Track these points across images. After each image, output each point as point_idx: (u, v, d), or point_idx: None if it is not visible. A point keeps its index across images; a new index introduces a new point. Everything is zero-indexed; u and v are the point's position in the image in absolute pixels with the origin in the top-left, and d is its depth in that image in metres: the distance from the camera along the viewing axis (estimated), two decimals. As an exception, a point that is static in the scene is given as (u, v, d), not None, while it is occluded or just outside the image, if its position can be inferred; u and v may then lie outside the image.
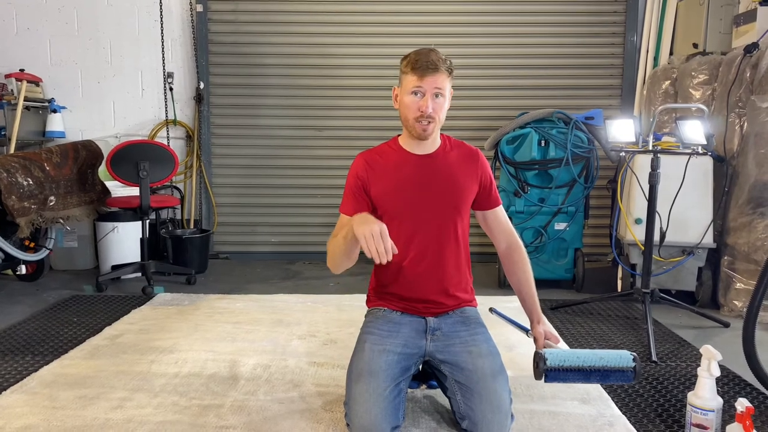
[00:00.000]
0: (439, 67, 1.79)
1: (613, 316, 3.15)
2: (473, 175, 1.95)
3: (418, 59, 1.81)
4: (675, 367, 2.43)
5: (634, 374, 1.67)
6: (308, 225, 4.57)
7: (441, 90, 1.82)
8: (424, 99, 1.81)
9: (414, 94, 1.82)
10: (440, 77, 1.80)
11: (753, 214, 3.07)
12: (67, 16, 4.41)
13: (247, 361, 2.42)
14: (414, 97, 1.82)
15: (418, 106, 1.82)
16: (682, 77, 3.72)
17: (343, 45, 4.45)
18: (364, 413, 1.66)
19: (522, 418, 1.94)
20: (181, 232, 4.18)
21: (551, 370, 1.67)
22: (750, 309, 2.04)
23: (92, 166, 3.70)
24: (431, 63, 1.79)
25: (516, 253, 1.99)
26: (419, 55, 1.81)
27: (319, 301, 3.35)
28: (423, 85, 1.80)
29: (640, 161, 3.25)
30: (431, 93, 1.81)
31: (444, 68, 1.81)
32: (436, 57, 1.81)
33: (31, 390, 2.15)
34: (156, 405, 2.03)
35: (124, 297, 3.43)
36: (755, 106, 3.05)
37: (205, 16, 4.42)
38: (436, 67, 1.79)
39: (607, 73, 4.47)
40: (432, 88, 1.80)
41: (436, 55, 1.82)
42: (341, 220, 1.92)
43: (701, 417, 1.74)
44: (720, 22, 3.74)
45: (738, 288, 3.13)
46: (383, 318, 1.93)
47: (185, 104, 4.51)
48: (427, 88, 1.80)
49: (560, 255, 3.66)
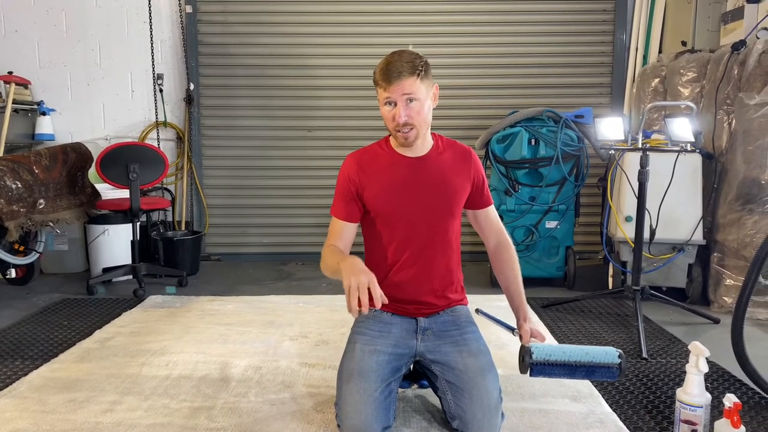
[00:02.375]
0: (402, 72, 1.72)
1: (604, 313, 3.16)
2: (466, 175, 1.94)
3: (382, 68, 1.76)
4: (665, 364, 2.45)
5: (620, 371, 1.67)
6: (300, 226, 4.57)
7: (411, 94, 1.74)
8: (396, 108, 1.77)
9: (387, 105, 1.78)
10: (407, 82, 1.73)
11: (742, 210, 3.09)
12: (55, 18, 4.38)
13: (239, 363, 2.42)
14: (387, 108, 1.79)
15: (392, 116, 1.78)
16: (671, 75, 3.74)
17: (332, 45, 4.45)
18: (355, 414, 1.67)
19: (513, 416, 1.95)
20: (172, 234, 4.17)
21: (537, 364, 1.67)
22: (738, 305, 2.05)
23: (82, 169, 3.68)
24: (394, 71, 1.72)
25: (505, 251, 1.99)
26: (385, 64, 1.76)
27: (311, 301, 3.35)
28: (391, 95, 1.75)
29: (630, 159, 3.27)
30: (402, 101, 1.75)
31: (408, 72, 1.72)
32: (400, 63, 1.73)
33: (21, 394, 2.14)
34: (146, 408, 2.02)
35: (115, 300, 3.41)
36: (743, 103, 3.07)
37: (195, 18, 4.40)
38: (399, 73, 1.72)
39: (596, 71, 4.49)
40: (400, 96, 1.74)
41: (402, 59, 1.74)
42: (333, 223, 1.92)
43: (690, 413, 1.75)
44: (708, 20, 3.77)
45: (728, 284, 3.15)
46: (374, 318, 1.93)
47: (175, 106, 4.50)
48: (396, 96, 1.74)
49: (551, 253, 3.67)
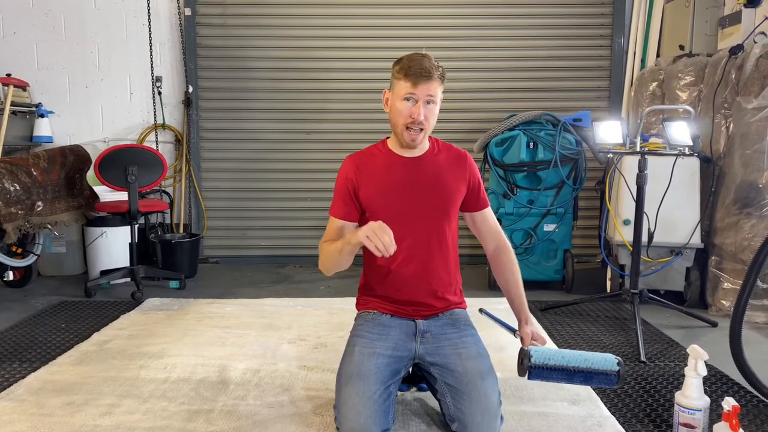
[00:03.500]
0: (432, 74, 1.79)
1: (602, 316, 3.16)
2: (461, 177, 1.96)
3: (411, 66, 1.79)
4: (663, 367, 2.45)
5: (618, 378, 1.67)
6: (298, 228, 4.56)
7: (433, 97, 1.82)
8: (416, 106, 1.81)
9: (406, 101, 1.82)
10: (433, 84, 1.80)
11: (739, 214, 3.10)
12: (54, 20, 4.38)
13: (237, 366, 2.41)
14: (406, 104, 1.82)
15: (410, 112, 1.82)
16: (669, 79, 3.75)
17: (332, 48, 4.45)
18: (354, 416, 1.67)
19: (512, 419, 1.95)
20: (170, 237, 4.16)
21: (535, 367, 1.68)
22: (736, 308, 2.06)
23: (80, 171, 3.68)
24: (425, 70, 1.78)
25: (504, 254, 2.00)
26: (413, 62, 1.80)
27: (309, 304, 3.35)
28: (416, 92, 1.80)
29: (628, 162, 3.28)
30: (423, 100, 1.80)
31: (437, 75, 1.80)
32: (429, 64, 1.79)
33: (19, 397, 2.13)
34: (145, 411, 2.02)
35: (113, 302, 3.40)
36: (740, 107, 3.08)
37: (194, 20, 4.40)
38: (429, 74, 1.78)
39: (594, 75, 4.50)
40: (425, 95, 1.80)
41: (430, 61, 1.81)
42: (331, 223, 1.93)
43: (688, 416, 1.75)
44: (706, 24, 3.78)
45: (725, 288, 3.16)
46: (373, 321, 1.94)
47: (174, 108, 4.50)
48: (420, 95, 1.80)
49: (549, 256, 3.67)
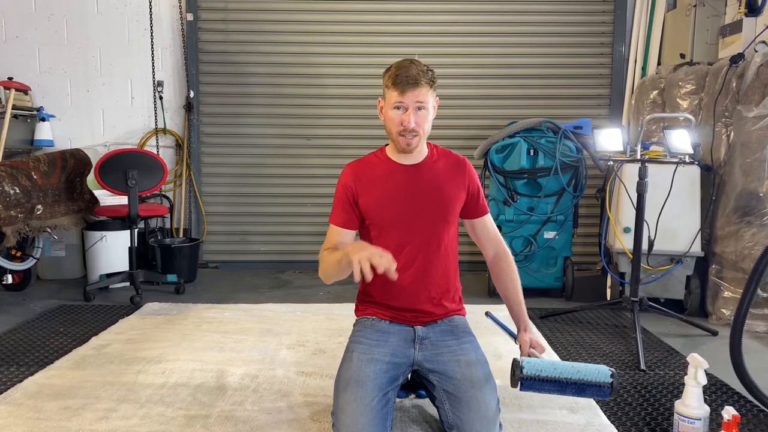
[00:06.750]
0: (419, 81, 1.78)
1: (602, 324, 3.15)
2: (461, 184, 1.96)
3: (398, 74, 1.80)
4: (663, 376, 2.44)
5: (611, 390, 1.65)
6: (298, 234, 4.56)
7: (423, 103, 1.81)
8: (406, 114, 1.81)
9: (396, 109, 1.82)
10: (421, 91, 1.79)
11: (740, 222, 3.09)
12: (56, 25, 4.39)
13: (235, 371, 2.40)
14: (397, 112, 1.82)
15: (400, 120, 1.82)
16: (670, 87, 3.76)
17: (332, 55, 4.46)
18: (352, 423, 1.66)
19: (510, 427, 1.94)
20: (170, 241, 4.16)
21: (527, 378, 1.66)
22: (737, 317, 2.05)
23: (80, 175, 3.68)
24: (411, 78, 1.78)
25: (503, 261, 2.00)
26: (399, 70, 1.80)
27: (308, 310, 3.34)
28: (404, 101, 1.80)
29: (628, 170, 3.27)
30: (413, 107, 1.81)
31: (425, 81, 1.79)
32: (416, 71, 1.79)
33: (15, 401, 2.12)
34: (142, 416, 2.01)
35: (112, 306, 3.40)
36: (741, 115, 3.08)
37: (196, 25, 4.42)
38: (416, 81, 1.78)
39: (595, 82, 4.50)
40: (413, 103, 1.80)
41: (417, 68, 1.80)
42: (331, 231, 1.93)
43: (688, 425, 1.74)
44: (706, 32, 3.79)
45: (726, 296, 3.15)
46: (371, 327, 1.93)
47: (175, 113, 4.51)
48: (409, 102, 1.80)
49: (549, 264, 3.66)
